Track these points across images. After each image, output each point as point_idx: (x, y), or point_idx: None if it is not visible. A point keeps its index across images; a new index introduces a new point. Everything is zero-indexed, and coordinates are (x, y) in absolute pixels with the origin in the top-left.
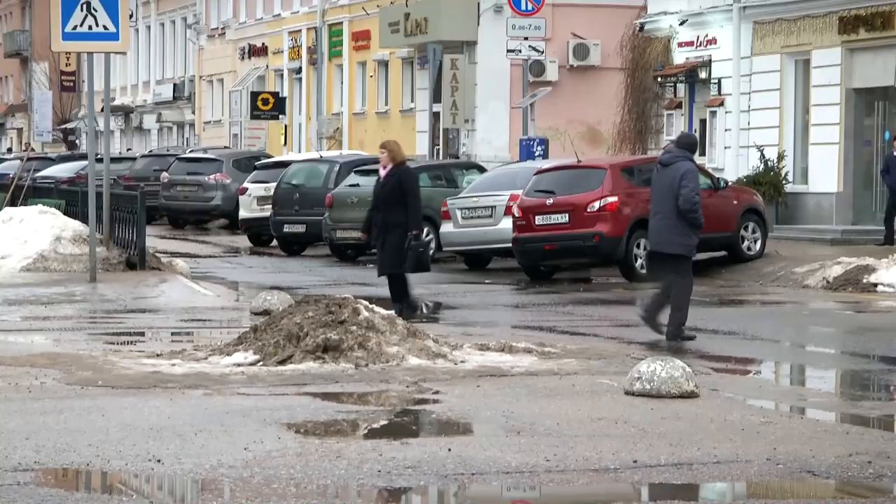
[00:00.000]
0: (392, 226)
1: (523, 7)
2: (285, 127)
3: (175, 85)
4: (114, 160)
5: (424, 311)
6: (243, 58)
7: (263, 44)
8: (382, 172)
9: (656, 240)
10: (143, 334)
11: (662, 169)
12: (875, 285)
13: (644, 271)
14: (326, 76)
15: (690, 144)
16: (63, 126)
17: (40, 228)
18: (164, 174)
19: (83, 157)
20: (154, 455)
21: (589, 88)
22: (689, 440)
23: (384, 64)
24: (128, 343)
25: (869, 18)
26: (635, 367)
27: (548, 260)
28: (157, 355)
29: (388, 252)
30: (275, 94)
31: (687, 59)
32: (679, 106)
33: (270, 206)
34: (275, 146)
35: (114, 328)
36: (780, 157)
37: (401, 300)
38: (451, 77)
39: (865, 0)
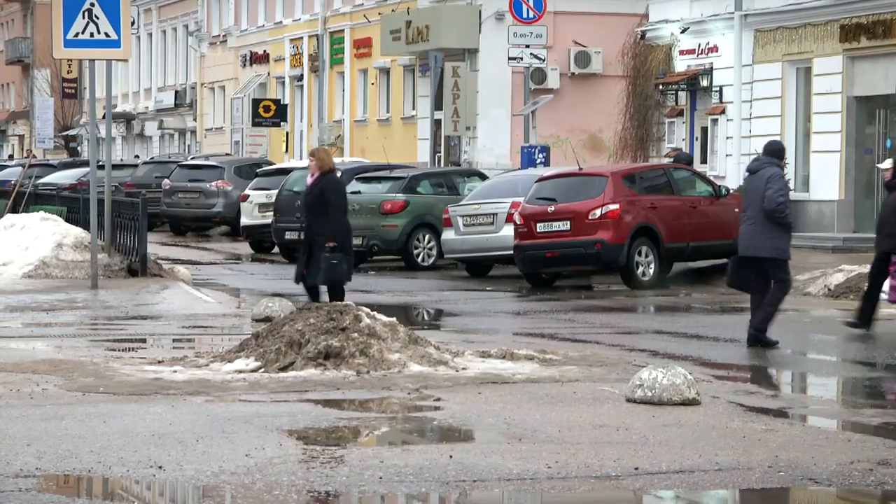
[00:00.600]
0: (316, 235)
1: (525, 15)
2: (287, 134)
3: (176, 92)
4: (115, 167)
5: None
6: (245, 65)
7: (265, 51)
8: (309, 180)
9: (746, 244)
10: (144, 341)
11: (750, 176)
12: None
13: (727, 278)
14: (328, 83)
15: (778, 150)
16: (65, 133)
17: (42, 235)
18: (166, 181)
19: (85, 163)
20: (156, 462)
21: (590, 96)
22: (691, 447)
23: (386, 71)
24: (129, 350)
25: (870, 27)
26: (637, 375)
27: (549, 267)
28: (159, 362)
29: (305, 261)
30: (276, 102)
31: (688, 66)
32: (680, 114)
33: (272, 213)
34: (276, 153)
35: (115, 335)
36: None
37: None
38: (453, 84)
39: (867, 8)
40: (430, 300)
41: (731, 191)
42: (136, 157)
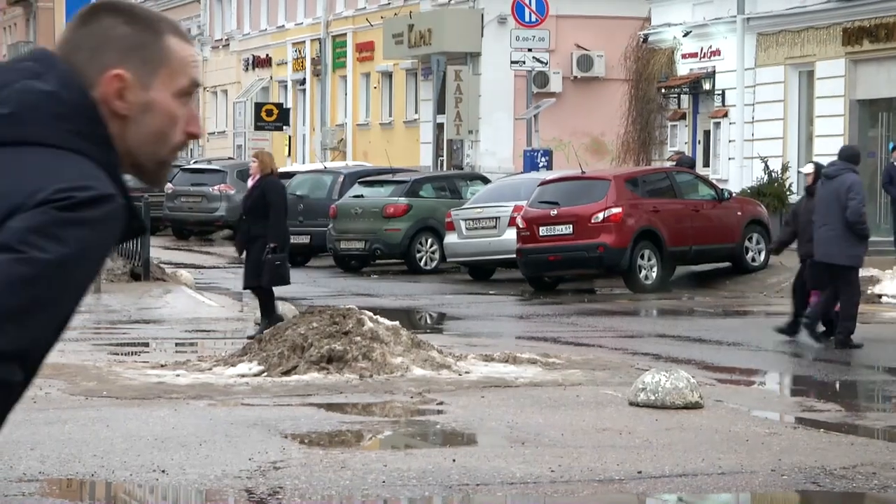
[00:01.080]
0: (254, 237)
1: (527, 18)
2: (289, 138)
3: None
4: None
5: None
6: (247, 69)
7: (267, 55)
8: (250, 183)
9: (824, 251)
10: (147, 345)
11: (827, 181)
12: (879, 296)
13: (808, 281)
14: (330, 87)
15: (854, 156)
16: None
17: None
18: (168, 185)
19: None
20: (159, 466)
21: (593, 99)
22: (694, 451)
23: (388, 75)
24: (132, 354)
25: (873, 30)
26: (640, 378)
27: (552, 271)
28: (162, 366)
29: (248, 265)
30: (279, 106)
31: (691, 70)
32: (683, 117)
33: None
34: (279, 157)
35: (118, 339)
36: (784, 168)
37: (269, 315)
38: (455, 88)
39: (869, 12)
40: (432, 304)
41: (734, 194)
42: None
